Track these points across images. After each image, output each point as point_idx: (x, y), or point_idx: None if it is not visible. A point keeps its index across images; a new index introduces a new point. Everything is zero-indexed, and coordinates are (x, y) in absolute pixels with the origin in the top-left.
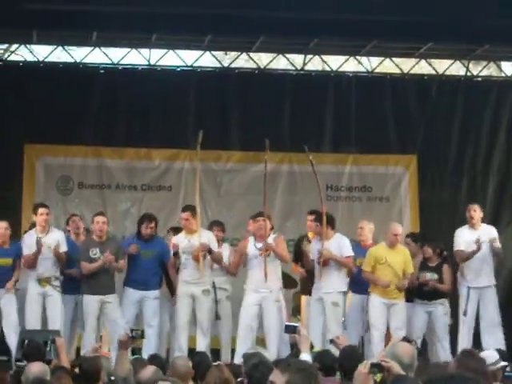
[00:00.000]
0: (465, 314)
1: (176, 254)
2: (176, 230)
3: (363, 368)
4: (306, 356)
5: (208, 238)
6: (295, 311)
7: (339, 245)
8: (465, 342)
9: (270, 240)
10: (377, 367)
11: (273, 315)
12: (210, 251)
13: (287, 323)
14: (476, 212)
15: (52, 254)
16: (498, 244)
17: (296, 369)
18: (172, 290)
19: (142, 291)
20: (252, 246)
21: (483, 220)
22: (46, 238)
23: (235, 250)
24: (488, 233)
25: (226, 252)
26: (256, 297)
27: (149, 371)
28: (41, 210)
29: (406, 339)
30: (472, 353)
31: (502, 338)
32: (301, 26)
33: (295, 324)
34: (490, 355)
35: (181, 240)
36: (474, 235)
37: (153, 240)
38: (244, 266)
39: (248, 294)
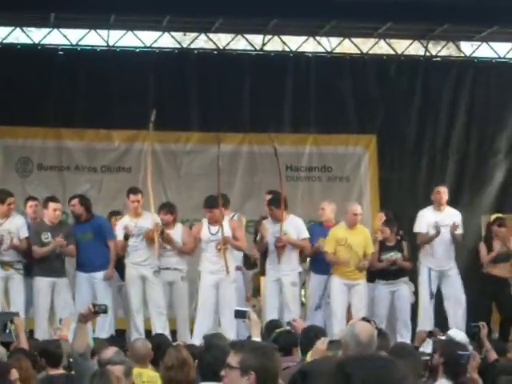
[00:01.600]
0: (432, 296)
1: (127, 237)
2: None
3: (321, 345)
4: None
5: (154, 219)
6: (255, 292)
7: (296, 227)
8: (426, 323)
9: (226, 223)
10: (335, 344)
11: (230, 296)
12: (162, 232)
13: (237, 308)
14: (444, 194)
15: (13, 241)
16: (459, 231)
17: (250, 349)
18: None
19: (89, 273)
20: (206, 230)
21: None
22: (6, 223)
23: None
24: (451, 216)
25: (178, 232)
26: (213, 278)
27: (110, 352)
28: (9, 200)
29: (365, 319)
30: (455, 342)
31: (463, 316)
32: (259, 7)
33: (245, 309)
34: (457, 334)
35: (127, 223)
36: (438, 217)
37: (90, 221)
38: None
39: (204, 277)
